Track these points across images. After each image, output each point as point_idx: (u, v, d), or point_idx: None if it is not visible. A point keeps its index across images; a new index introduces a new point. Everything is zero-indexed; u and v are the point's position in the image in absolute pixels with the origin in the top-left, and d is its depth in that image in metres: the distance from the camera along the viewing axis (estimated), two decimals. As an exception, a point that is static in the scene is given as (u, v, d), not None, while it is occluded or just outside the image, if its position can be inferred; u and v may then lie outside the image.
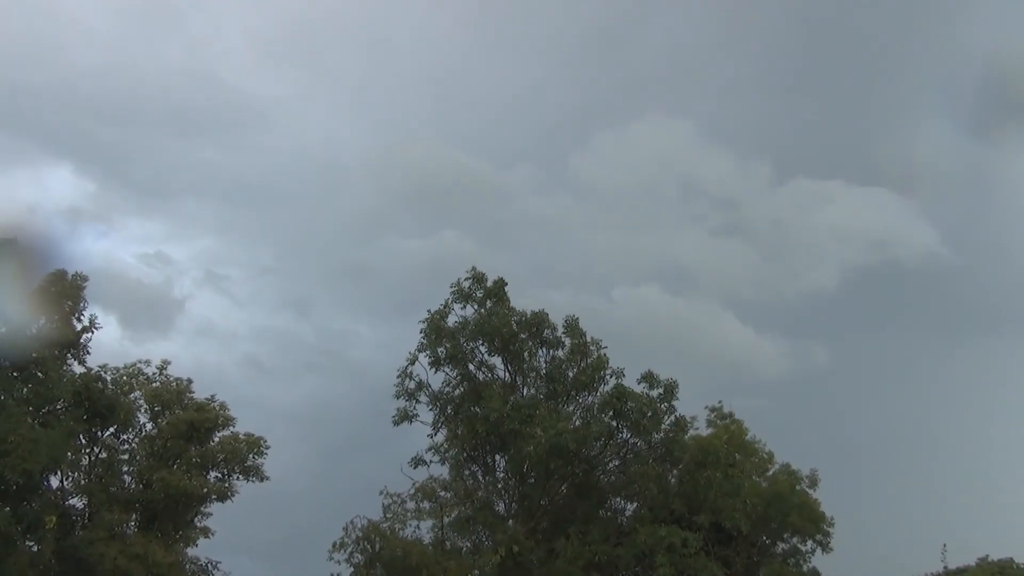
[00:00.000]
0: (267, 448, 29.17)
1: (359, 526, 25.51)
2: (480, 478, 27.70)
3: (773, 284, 62.48)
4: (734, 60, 74.07)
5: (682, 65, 74.78)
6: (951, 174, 62.50)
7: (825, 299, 62.07)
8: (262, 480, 29.01)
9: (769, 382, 50.69)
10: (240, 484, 28.63)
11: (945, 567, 25.92)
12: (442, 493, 26.34)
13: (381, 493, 26.27)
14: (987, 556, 25.89)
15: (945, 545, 26.26)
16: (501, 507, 27.32)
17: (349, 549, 25.26)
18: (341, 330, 65.67)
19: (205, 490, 28.02)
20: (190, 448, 28.01)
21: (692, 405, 27.74)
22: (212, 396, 29.24)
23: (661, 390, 26.83)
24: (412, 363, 27.54)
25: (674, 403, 26.95)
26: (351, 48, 77.88)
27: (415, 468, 26.96)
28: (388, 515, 26.11)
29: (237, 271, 73.50)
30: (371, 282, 65.86)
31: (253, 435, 29.22)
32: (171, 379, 29.11)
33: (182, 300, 57.43)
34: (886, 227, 60.45)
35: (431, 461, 27.12)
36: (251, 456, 28.85)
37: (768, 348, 54.87)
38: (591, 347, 27.97)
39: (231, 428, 29.08)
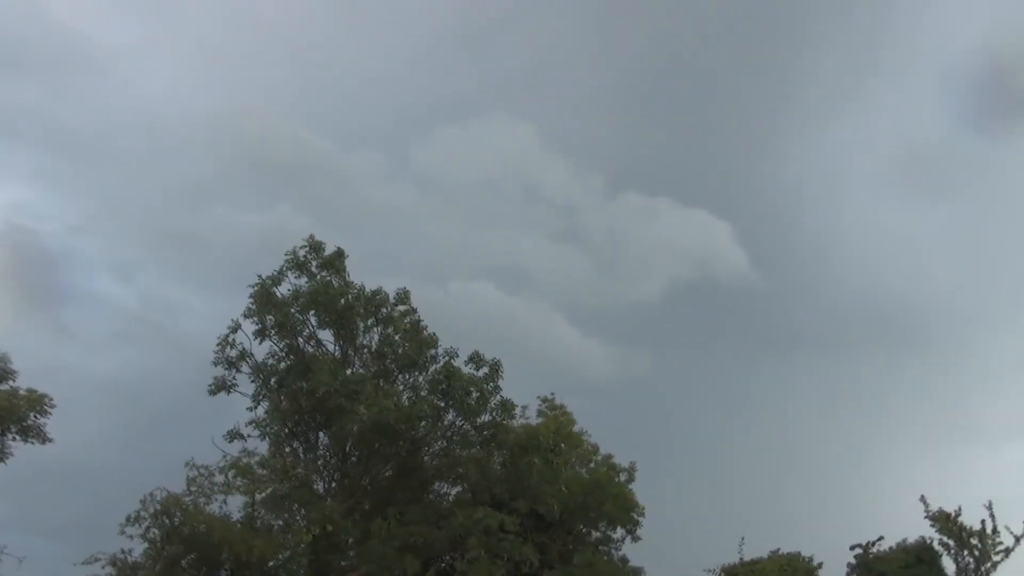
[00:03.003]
0: (52, 406, 26.25)
1: (158, 498, 23.59)
2: (301, 455, 26.23)
3: (604, 291, 64.89)
4: (592, 75, 75.73)
5: (537, 73, 75.41)
6: (764, 202, 67.53)
7: (650, 309, 65.13)
8: (44, 442, 26.05)
9: (594, 384, 52.48)
10: (25, 449, 25.50)
11: (741, 558, 27.50)
12: (259, 470, 24.73)
13: (187, 465, 24.60)
14: (778, 549, 27.63)
15: (743, 538, 27.84)
16: (320, 486, 26.06)
17: (145, 523, 23.29)
18: (167, 300, 60.46)
19: (-26, 453, 24.77)
20: (-41, 404, 24.52)
21: (520, 400, 27.71)
22: (-12, 347, 25.78)
23: (487, 370, 26.44)
24: (235, 331, 25.57)
25: (499, 383, 26.52)
26: (207, 6, 71.43)
27: (231, 442, 25.19)
28: (192, 488, 24.35)
29: (48, 225, 65.18)
30: (201, 252, 61.29)
31: (36, 391, 26.15)
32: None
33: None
34: (705, 247, 64.21)
35: (249, 435, 25.37)
36: (32, 415, 25.82)
37: (595, 352, 56.74)
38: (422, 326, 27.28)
39: (11, 383, 25.85)
